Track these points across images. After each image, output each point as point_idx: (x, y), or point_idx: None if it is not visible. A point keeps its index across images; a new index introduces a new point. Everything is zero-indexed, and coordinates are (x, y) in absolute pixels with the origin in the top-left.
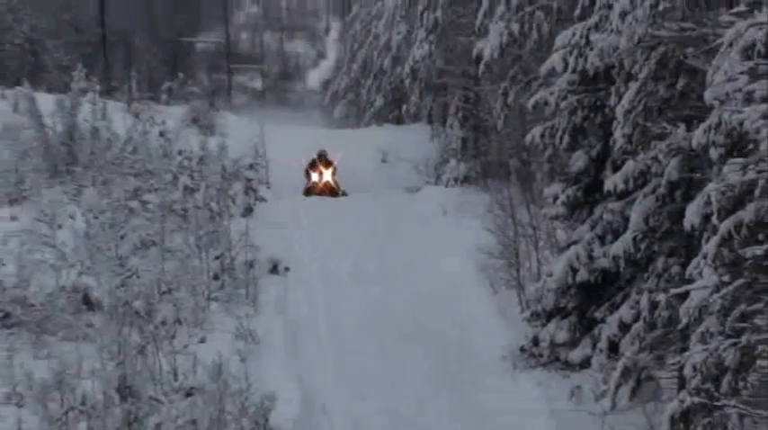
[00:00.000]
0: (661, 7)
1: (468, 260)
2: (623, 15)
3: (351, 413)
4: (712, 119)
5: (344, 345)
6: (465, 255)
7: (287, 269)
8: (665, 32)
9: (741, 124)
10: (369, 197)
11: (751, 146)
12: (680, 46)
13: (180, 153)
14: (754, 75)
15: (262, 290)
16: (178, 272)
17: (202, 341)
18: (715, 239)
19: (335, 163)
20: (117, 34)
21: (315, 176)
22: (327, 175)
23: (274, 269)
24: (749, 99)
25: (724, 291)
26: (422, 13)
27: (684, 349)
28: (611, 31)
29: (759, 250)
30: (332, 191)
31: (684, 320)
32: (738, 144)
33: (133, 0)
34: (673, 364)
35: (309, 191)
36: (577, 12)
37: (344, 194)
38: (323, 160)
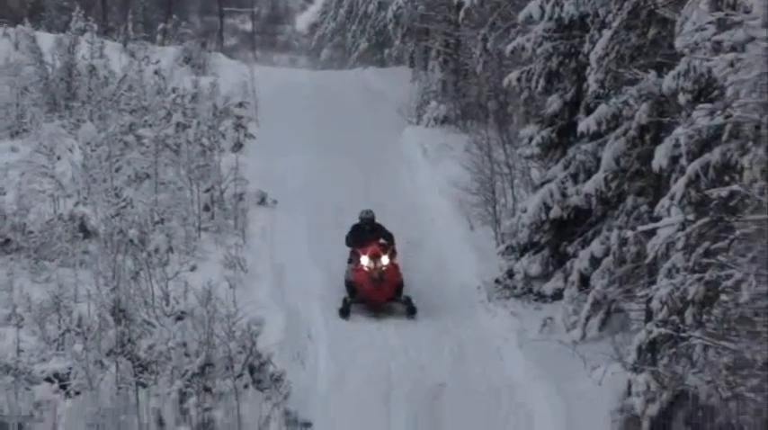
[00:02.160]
0: None
1: (447, 197)
2: None
3: (334, 338)
4: (682, 66)
5: (329, 272)
6: (443, 191)
7: (274, 202)
8: None
9: (709, 71)
10: (354, 136)
11: (718, 92)
12: None
13: (173, 91)
14: (722, 25)
15: (250, 221)
16: (170, 203)
17: (193, 268)
18: (682, 180)
19: (390, 237)
20: None
21: (365, 260)
22: (385, 260)
23: (262, 201)
24: (717, 48)
25: (689, 228)
26: None
27: (652, 283)
28: None
29: (724, 191)
30: (393, 290)
31: (652, 256)
32: (706, 90)
33: None
34: (640, 297)
35: (354, 293)
36: None
37: (410, 308)
38: (373, 230)
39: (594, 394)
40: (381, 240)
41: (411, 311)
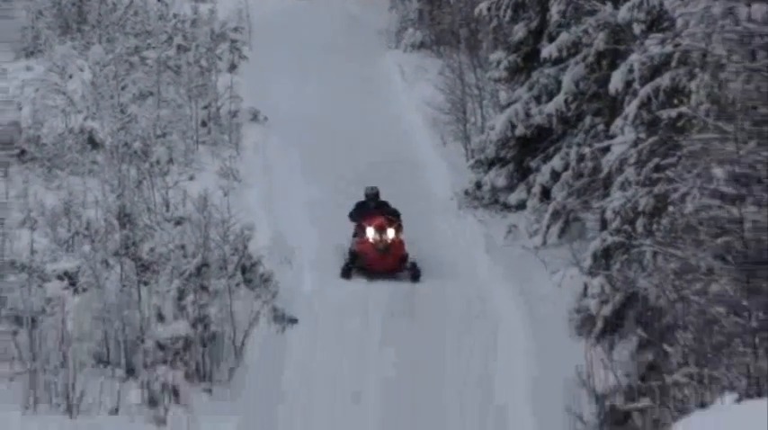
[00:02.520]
0: None
1: (422, 115)
2: None
3: (319, 245)
4: None
5: (316, 182)
6: (419, 109)
7: (265, 118)
8: None
9: (661, 4)
10: (338, 58)
11: (668, 23)
12: None
13: (175, 16)
14: None
15: (243, 135)
16: (171, 118)
17: (191, 178)
18: (635, 102)
19: (396, 212)
20: None
21: (371, 232)
22: (391, 233)
23: (255, 118)
24: None
25: (641, 146)
26: None
27: (606, 195)
28: None
29: (673, 112)
30: (398, 262)
31: (606, 170)
32: (658, 21)
33: None
34: (596, 208)
35: (356, 258)
36: None
37: (415, 273)
38: (379, 206)
39: (554, 295)
40: (388, 209)
41: (415, 276)
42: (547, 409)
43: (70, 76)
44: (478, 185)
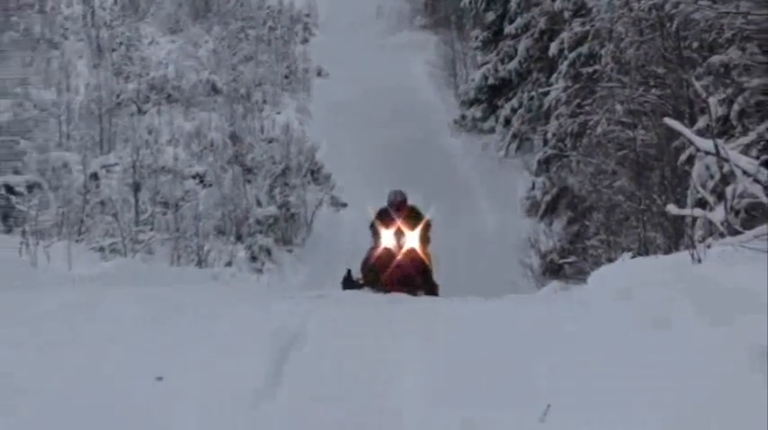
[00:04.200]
0: None
1: (425, 72)
2: None
3: (354, 157)
4: None
5: (357, 114)
6: (423, 69)
7: (327, 73)
8: None
9: None
10: (371, 32)
11: (586, 11)
12: None
13: (267, 6)
14: None
15: (312, 85)
16: (266, 73)
17: (278, 113)
18: (566, 63)
19: (427, 218)
20: None
21: (387, 238)
22: (413, 240)
23: (319, 73)
24: None
25: (569, 91)
26: None
27: (546, 123)
28: None
29: (590, 69)
30: (415, 274)
31: (546, 106)
32: (580, 10)
33: None
34: (540, 131)
35: (369, 270)
36: None
37: (430, 292)
38: (401, 209)
39: (513, 189)
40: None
41: (430, 291)
42: (508, 262)
43: (200, 46)
44: (463, 117)
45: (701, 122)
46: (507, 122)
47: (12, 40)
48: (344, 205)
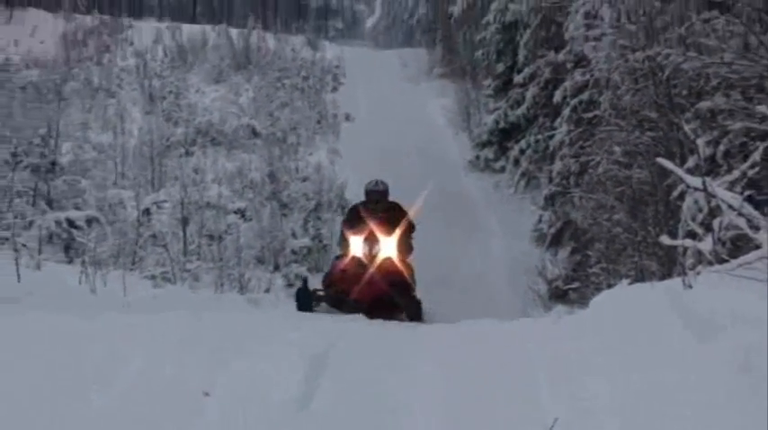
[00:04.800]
0: None
1: (442, 116)
2: None
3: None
4: (567, 47)
5: (380, 153)
6: (440, 113)
7: (354, 118)
8: None
9: (582, 50)
10: (394, 82)
11: (586, 62)
12: None
13: (301, 59)
14: (590, 26)
15: (341, 129)
16: (300, 118)
17: (311, 154)
18: (568, 109)
19: (410, 214)
20: None
21: (356, 245)
22: (389, 247)
23: (347, 118)
24: (587, 37)
25: (572, 134)
26: None
27: (552, 162)
28: None
29: (590, 114)
30: (391, 291)
31: (551, 149)
32: (581, 61)
33: None
34: (546, 170)
35: (332, 283)
36: None
37: (413, 311)
38: (380, 202)
39: (522, 222)
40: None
41: (412, 314)
42: (518, 287)
43: (240, 96)
44: (477, 157)
45: (691, 162)
46: (516, 162)
47: (73, 89)
48: None
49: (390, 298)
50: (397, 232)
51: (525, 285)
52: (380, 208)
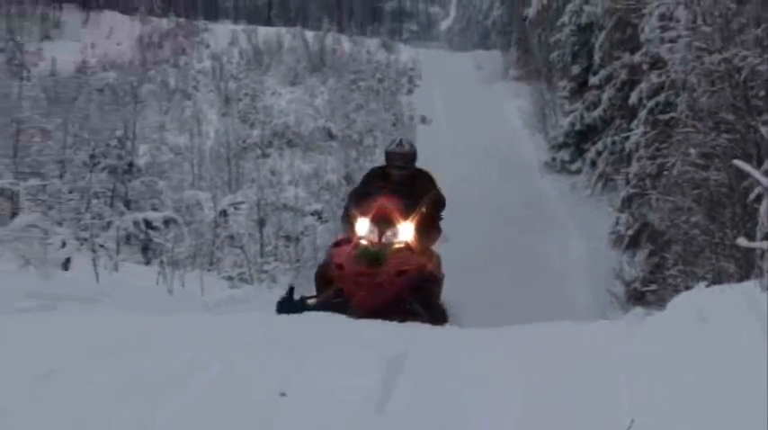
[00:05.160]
0: None
1: (519, 118)
2: None
3: (452, 194)
4: (643, 50)
5: (457, 156)
6: (516, 116)
7: (430, 120)
8: None
9: (658, 53)
10: (469, 83)
11: (662, 63)
12: None
13: (376, 61)
14: (665, 28)
15: (417, 131)
16: (376, 120)
17: None
18: (644, 110)
19: (434, 191)
20: None
21: (363, 227)
22: (405, 232)
23: (423, 120)
24: (662, 39)
25: (648, 136)
26: None
27: (629, 164)
28: None
29: (667, 116)
30: (397, 287)
31: (628, 150)
32: (656, 63)
33: None
34: (623, 172)
35: (325, 282)
36: None
37: (435, 315)
38: (403, 169)
39: (600, 224)
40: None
41: (435, 320)
42: (595, 290)
43: (315, 97)
44: (553, 159)
45: None
46: (593, 164)
47: (150, 91)
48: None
49: (404, 304)
50: (419, 211)
51: (602, 287)
52: (402, 176)
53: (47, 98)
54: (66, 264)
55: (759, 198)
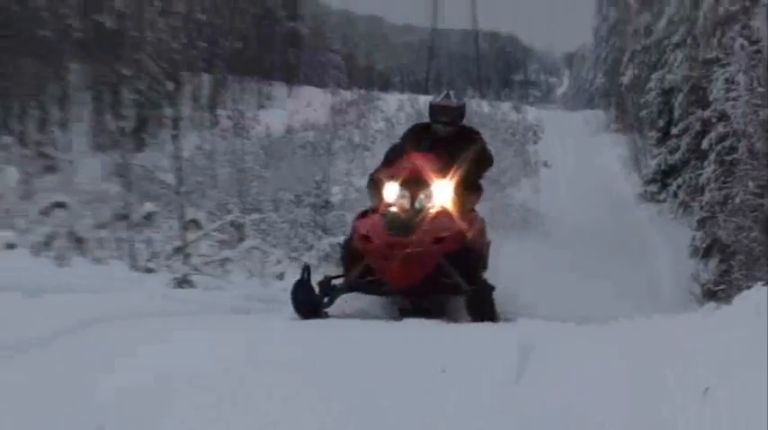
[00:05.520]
0: None
1: (616, 162)
2: None
3: (569, 219)
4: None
5: (571, 190)
6: (614, 159)
7: (550, 164)
8: None
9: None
10: (573, 133)
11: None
12: None
13: (510, 120)
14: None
15: (540, 172)
16: (508, 165)
17: (518, 191)
18: (714, 154)
19: (477, 146)
20: None
21: (391, 192)
22: (442, 194)
23: (545, 164)
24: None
25: (716, 173)
26: None
27: (702, 194)
28: None
29: (735, 156)
30: (433, 261)
31: (701, 184)
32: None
33: None
34: (698, 200)
35: (353, 258)
36: None
37: (479, 305)
38: (444, 130)
39: (681, 240)
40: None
41: (477, 310)
42: (679, 289)
43: None
44: (645, 192)
45: None
46: (675, 195)
47: (339, 146)
48: None
49: (443, 278)
50: (459, 170)
51: (684, 287)
52: (448, 132)
53: (264, 153)
54: (280, 276)
55: None
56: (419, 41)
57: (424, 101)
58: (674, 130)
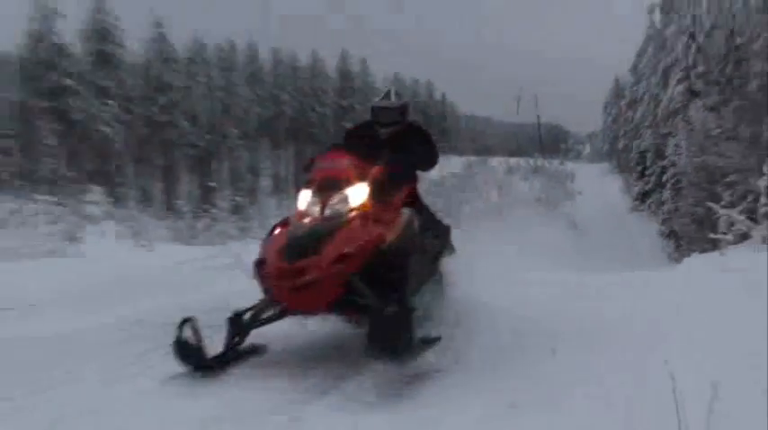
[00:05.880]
0: None
1: (617, 190)
2: None
3: (591, 223)
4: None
5: (593, 207)
6: (617, 189)
7: (581, 193)
8: None
9: None
10: (597, 179)
11: None
12: None
13: (555, 170)
14: None
15: (576, 198)
16: (555, 195)
17: (564, 207)
18: (668, 189)
19: (421, 141)
20: None
21: (303, 199)
22: (356, 196)
23: (579, 193)
24: None
25: (671, 194)
26: None
27: (663, 206)
28: None
29: None
30: (336, 280)
31: (663, 200)
32: None
33: None
34: (662, 209)
35: (261, 277)
36: None
37: (385, 337)
38: (385, 131)
39: (653, 230)
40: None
41: (376, 339)
42: (650, 257)
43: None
44: (633, 206)
45: None
46: (650, 207)
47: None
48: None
49: (357, 297)
50: (384, 168)
51: (655, 256)
52: (390, 134)
53: None
54: None
55: None
56: (503, 133)
57: (515, 160)
58: (648, 172)
